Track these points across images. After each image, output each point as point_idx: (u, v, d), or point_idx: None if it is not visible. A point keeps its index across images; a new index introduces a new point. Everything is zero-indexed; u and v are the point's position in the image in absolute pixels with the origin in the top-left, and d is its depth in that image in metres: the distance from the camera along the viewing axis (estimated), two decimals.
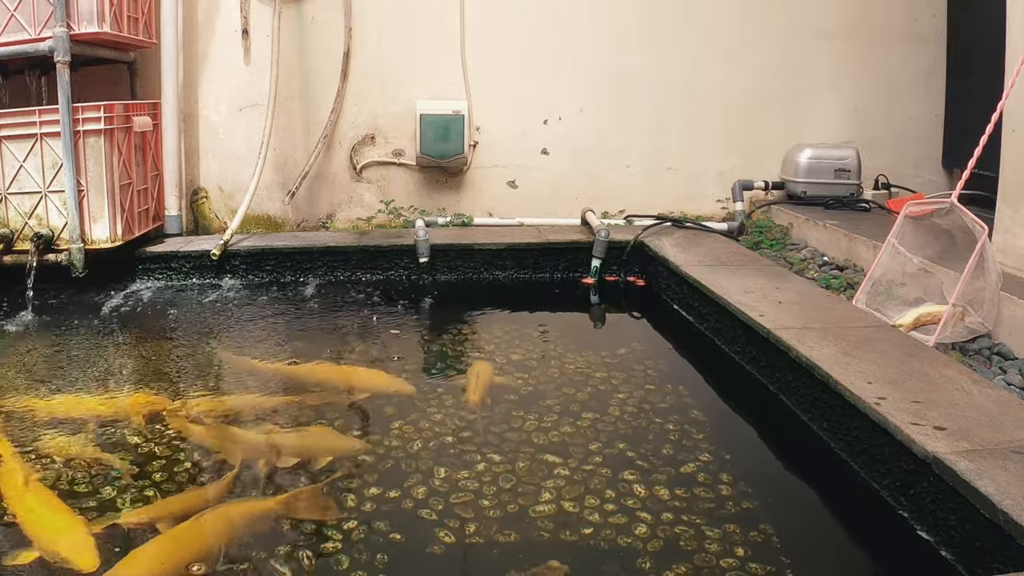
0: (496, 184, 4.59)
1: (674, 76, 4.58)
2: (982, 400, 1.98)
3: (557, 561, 1.73)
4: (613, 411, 2.48)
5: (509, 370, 2.81)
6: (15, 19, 3.42)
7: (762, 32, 4.58)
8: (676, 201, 4.61)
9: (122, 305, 3.56)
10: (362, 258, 3.93)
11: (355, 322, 3.40)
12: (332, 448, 2.25)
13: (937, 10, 4.61)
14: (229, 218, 4.27)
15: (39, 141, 3.43)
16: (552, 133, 4.59)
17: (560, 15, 4.50)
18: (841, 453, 2.11)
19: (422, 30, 4.43)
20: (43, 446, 2.24)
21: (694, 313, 3.24)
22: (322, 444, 2.28)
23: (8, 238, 3.50)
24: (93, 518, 1.88)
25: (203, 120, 4.38)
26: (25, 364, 2.90)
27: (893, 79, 4.65)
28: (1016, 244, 2.98)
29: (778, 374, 2.49)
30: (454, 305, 3.66)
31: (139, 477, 2.08)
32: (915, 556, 1.76)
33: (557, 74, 4.54)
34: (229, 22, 4.30)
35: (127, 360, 2.99)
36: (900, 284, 2.99)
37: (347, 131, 4.48)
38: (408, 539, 1.83)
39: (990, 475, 1.60)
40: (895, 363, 2.22)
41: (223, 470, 2.13)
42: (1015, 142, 3.00)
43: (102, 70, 4.02)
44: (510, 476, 2.09)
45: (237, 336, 3.24)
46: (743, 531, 1.84)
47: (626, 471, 2.11)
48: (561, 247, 3.96)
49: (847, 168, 4.31)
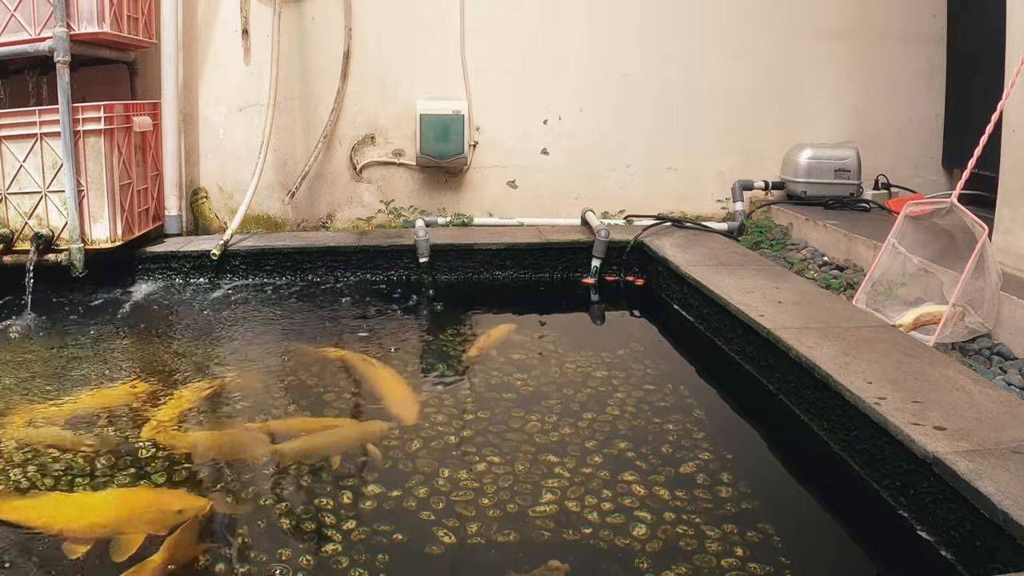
0: (496, 184, 4.59)
1: (674, 76, 4.58)
2: (982, 400, 1.98)
3: (557, 561, 1.73)
4: (612, 411, 2.48)
5: (509, 370, 2.81)
6: (15, 19, 3.42)
7: (762, 32, 4.58)
8: (676, 201, 4.61)
9: (122, 305, 3.56)
10: (362, 258, 3.93)
11: (354, 322, 3.40)
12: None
13: (937, 10, 4.61)
14: (229, 218, 4.27)
15: (39, 141, 3.43)
16: (552, 133, 4.59)
17: (560, 15, 4.50)
18: (841, 453, 2.11)
19: (422, 30, 4.43)
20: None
21: (694, 313, 3.24)
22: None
23: (8, 238, 3.50)
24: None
25: (203, 120, 4.38)
26: (27, 363, 2.90)
27: (893, 79, 4.65)
28: (1016, 244, 2.98)
29: (778, 374, 2.49)
30: (454, 305, 3.66)
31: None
32: (915, 556, 1.76)
33: (557, 74, 4.54)
34: (229, 22, 4.30)
35: (127, 359, 2.99)
36: (900, 284, 2.99)
37: (347, 131, 4.48)
38: (408, 539, 1.84)
39: (990, 475, 1.60)
40: (895, 363, 2.22)
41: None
42: (1015, 142, 3.00)
43: (102, 70, 4.02)
44: (510, 476, 2.09)
45: (237, 336, 3.25)
46: (743, 531, 1.84)
47: (626, 471, 2.11)
48: (561, 247, 3.96)
49: (847, 168, 4.31)
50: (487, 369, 2.84)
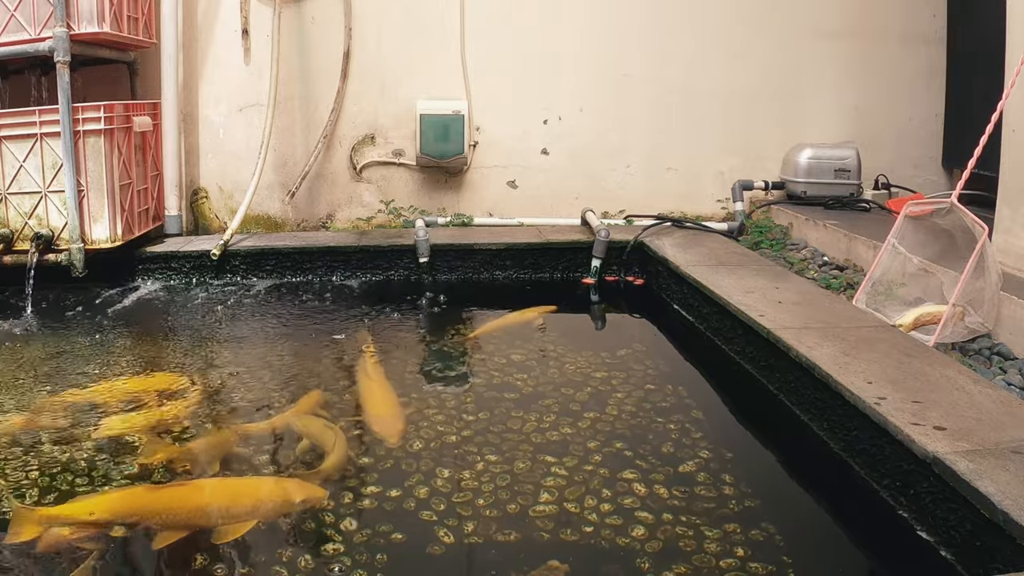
0: (496, 184, 4.59)
1: (674, 76, 4.58)
2: (982, 400, 1.98)
3: (557, 561, 1.73)
4: (612, 411, 2.48)
5: (509, 370, 2.81)
6: (15, 19, 3.42)
7: (762, 32, 4.58)
8: (676, 201, 4.61)
9: (122, 304, 3.57)
10: (362, 258, 3.93)
11: (354, 322, 3.40)
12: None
13: (937, 10, 4.61)
14: (229, 218, 4.28)
15: (39, 141, 3.43)
16: (552, 133, 4.59)
17: (560, 15, 4.50)
18: (841, 453, 2.10)
19: (422, 30, 4.43)
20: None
21: (694, 313, 3.24)
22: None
23: (8, 238, 3.50)
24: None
25: (203, 120, 4.38)
26: (28, 361, 2.90)
27: (893, 79, 4.65)
28: (1016, 244, 2.98)
29: (778, 374, 2.49)
30: (454, 305, 3.66)
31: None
32: (915, 556, 1.76)
33: (557, 74, 4.54)
34: (229, 22, 4.30)
35: (127, 358, 2.99)
36: (900, 284, 2.99)
37: (347, 131, 4.48)
38: (408, 539, 1.84)
39: (990, 475, 1.60)
40: (895, 363, 2.22)
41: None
42: (1015, 142, 3.00)
43: (102, 70, 4.02)
44: (508, 476, 2.09)
45: (236, 336, 3.25)
46: (743, 531, 1.84)
47: (626, 471, 2.11)
48: (561, 247, 3.96)
49: (847, 168, 4.31)
50: (488, 370, 2.84)
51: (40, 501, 1.96)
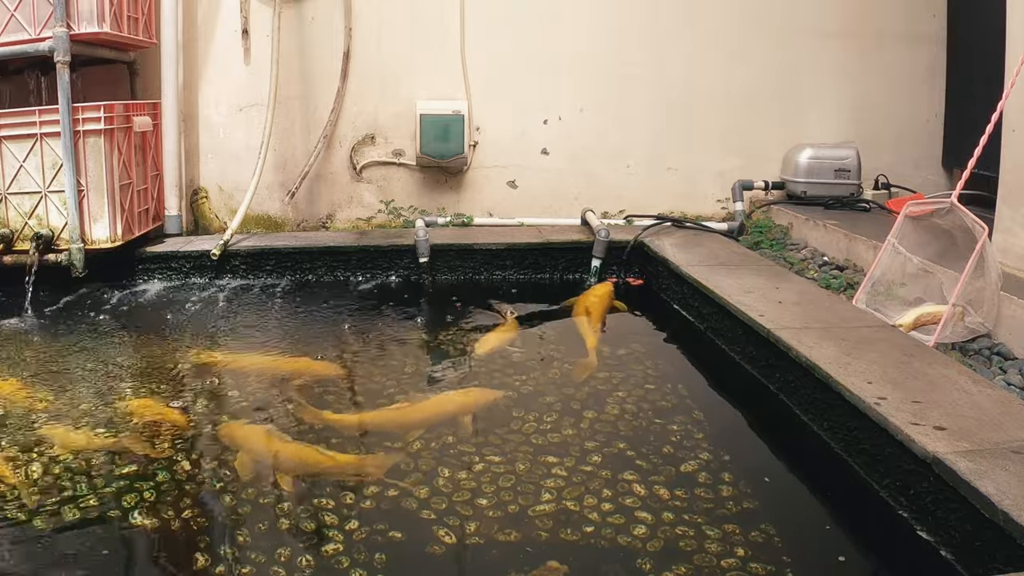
0: (496, 184, 4.59)
1: (674, 76, 4.58)
2: (982, 400, 1.98)
3: (557, 561, 1.73)
4: (612, 410, 2.48)
5: (509, 371, 2.81)
6: (15, 19, 3.42)
7: (762, 32, 4.58)
8: (676, 201, 4.61)
9: (122, 304, 3.56)
10: (362, 258, 3.93)
11: (354, 322, 3.40)
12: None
13: (937, 10, 4.61)
14: (229, 218, 4.27)
15: (39, 141, 3.43)
16: (552, 133, 4.59)
17: (560, 15, 4.50)
18: (841, 453, 2.11)
19: (422, 30, 4.43)
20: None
21: (694, 313, 3.24)
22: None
23: (8, 238, 3.50)
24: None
25: (203, 120, 4.38)
26: (28, 361, 2.91)
27: (893, 79, 4.65)
28: (1016, 244, 2.98)
29: (778, 374, 2.49)
30: (454, 304, 3.66)
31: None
32: (915, 556, 1.76)
33: (557, 74, 4.54)
34: (229, 22, 4.30)
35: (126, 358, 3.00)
36: (900, 284, 2.99)
37: (347, 131, 4.48)
38: (408, 538, 1.84)
39: (990, 475, 1.60)
40: (895, 363, 2.22)
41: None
42: (1015, 142, 3.00)
43: (102, 70, 4.02)
44: (510, 476, 2.09)
45: (236, 336, 3.25)
46: (743, 531, 1.84)
47: (626, 471, 2.11)
48: (561, 247, 3.96)
49: (847, 168, 4.31)
50: (488, 370, 2.84)
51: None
